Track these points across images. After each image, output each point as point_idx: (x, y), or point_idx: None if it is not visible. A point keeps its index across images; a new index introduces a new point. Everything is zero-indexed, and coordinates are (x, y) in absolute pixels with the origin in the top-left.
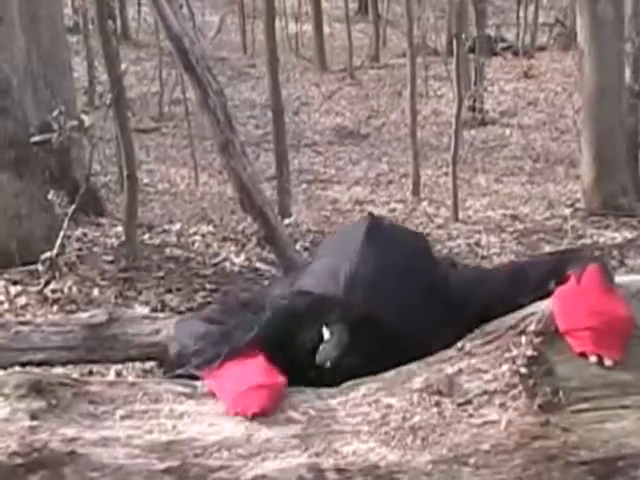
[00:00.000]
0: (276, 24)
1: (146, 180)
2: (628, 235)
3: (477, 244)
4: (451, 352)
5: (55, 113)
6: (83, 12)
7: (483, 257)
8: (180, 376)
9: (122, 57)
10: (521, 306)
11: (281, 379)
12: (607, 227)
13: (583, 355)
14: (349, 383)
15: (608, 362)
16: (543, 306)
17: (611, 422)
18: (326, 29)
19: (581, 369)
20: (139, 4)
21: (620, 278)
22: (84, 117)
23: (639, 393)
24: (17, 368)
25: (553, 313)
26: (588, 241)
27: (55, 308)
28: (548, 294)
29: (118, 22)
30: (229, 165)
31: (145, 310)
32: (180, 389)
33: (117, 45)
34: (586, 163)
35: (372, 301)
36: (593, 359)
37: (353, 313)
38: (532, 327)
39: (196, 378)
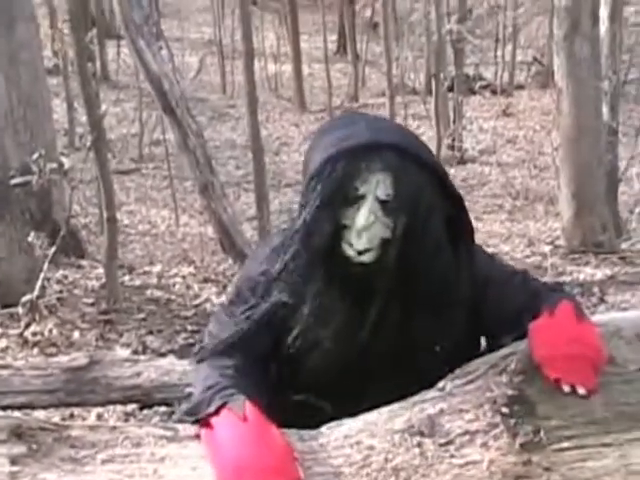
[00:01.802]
0: (255, 64)
1: (126, 221)
2: (608, 272)
3: None
4: (432, 392)
5: (35, 156)
6: (62, 54)
7: None
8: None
9: (102, 98)
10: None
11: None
12: (587, 264)
13: (557, 382)
14: (331, 424)
15: (581, 391)
16: (523, 345)
17: (593, 460)
18: (305, 69)
19: (562, 408)
20: (118, 45)
21: (599, 317)
22: (64, 160)
23: (620, 431)
24: None
25: (529, 344)
26: (568, 278)
27: (35, 351)
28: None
29: (98, 63)
30: (209, 206)
31: (126, 352)
32: (161, 432)
33: (97, 87)
34: (565, 200)
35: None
36: (567, 388)
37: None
38: (512, 366)
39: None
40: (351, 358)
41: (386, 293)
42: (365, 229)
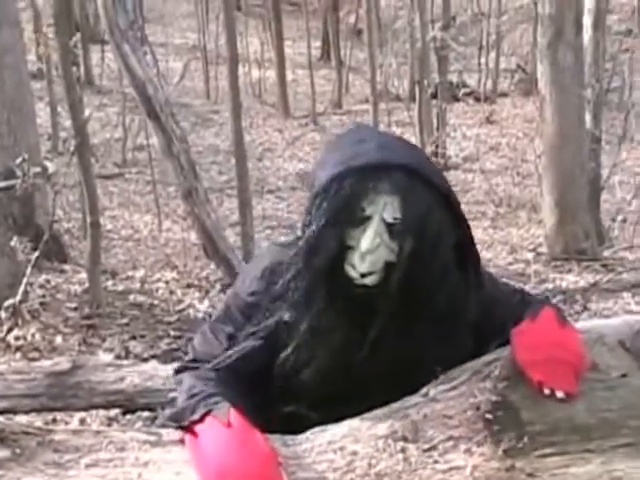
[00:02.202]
0: (239, 70)
1: (109, 226)
2: (591, 279)
3: None
4: (416, 398)
5: (19, 160)
6: (47, 58)
7: None
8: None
9: (85, 103)
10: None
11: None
12: (569, 271)
13: (540, 385)
14: (315, 430)
15: (560, 395)
16: (507, 352)
17: (576, 466)
18: (289, 75)
19: (546, 414)
20: (102, 50)
21: (582, 323)
22: (48, 164)
23: (603, 437)
24: None
25: (512, 350)
26: (550, 285)
27: (18, 355)
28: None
29: (82, 68)
30: (193, 212)
31: (109, 357)
32: (145, 437)
33: (81, 91)
34: (548, 208)
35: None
36: (547, 391)
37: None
38: (496, 372)
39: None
40: (347, 375)
41: (388, 315)
42: (370, 252)
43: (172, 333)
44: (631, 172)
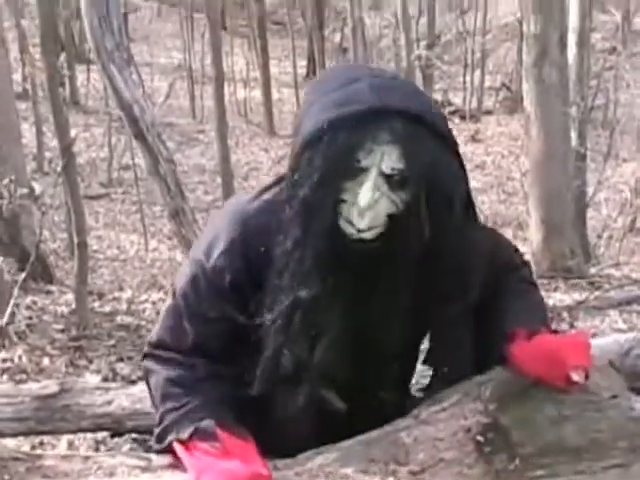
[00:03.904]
0: (225, 89)
1: (95, 246)
2: (577, 297)
3: None
4: (407, 420)
5: (5, 181)
6: (32, 79)
7: None
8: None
9: (71, 123)
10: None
11: None
12: (556, 289)
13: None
14: (307, 454)
15: (576, 376)
16: (497, 373)
17: None
18: (275, 94)
19: (536, 435)
20: (88, 69)
21: None
22: (34, 185)
23: (593, 459)
24: None
25: (516, 366)
26: None
27: (5, 377)
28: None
29: (67, 88)
30: (180, 232)
31: (97, 379)
32: (135, 462)
33: (67, 112)
34: (534, 225)
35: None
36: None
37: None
38: (487, 394)
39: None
40: (361, 343)
41: (397, 269)
42: (369, 208)
43: None
44: (616, 189)
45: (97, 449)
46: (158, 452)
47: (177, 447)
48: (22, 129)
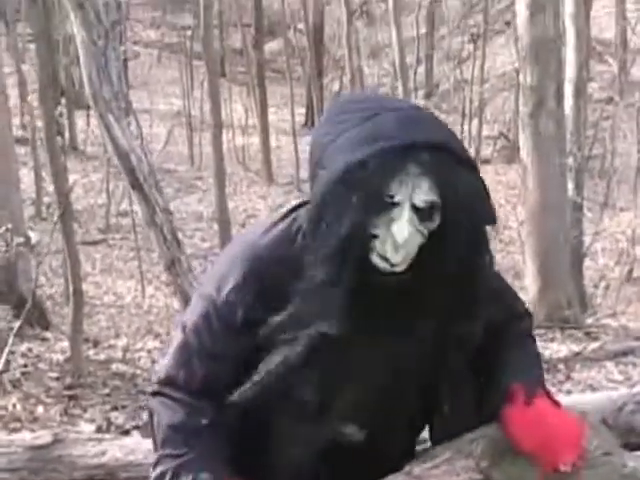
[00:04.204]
0: (223, 136)
1: (92, 293)
2: (574, 348)
3: None
4: (400, 477)
5: (2, 229)
6: (32, 127)
7: None
8: None
9: (70, 169)
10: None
11: None
12: (553, 340)
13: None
14: None
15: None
16: (490, 429)
17: None
18: (273, 142)
19: None
20: (88, 115)
21: (564, 399)
22: (31, 234)
23: None
24: None
25: (504, 428)
26: None
27: None
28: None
29: (66, 133)
30: (176, 282)
31: (91, 428)
32: None
33: (65, 158)
34: (531, 275)
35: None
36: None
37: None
38: (479, 450)
39: None
40: (394, 377)
41: (429, 299)
42: (405, 244)
43: None
44: (613, 238)
45: None
46: None
47: None
48: (21, 174)
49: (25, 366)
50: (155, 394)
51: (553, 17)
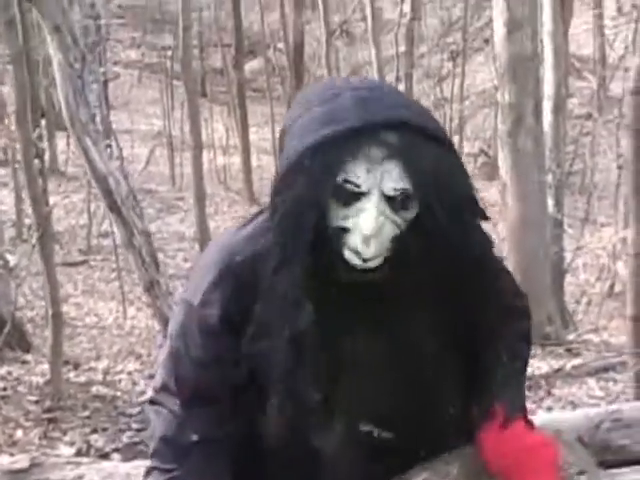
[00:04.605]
0: (204, 156)
1: (73, 314)
2: (554, 364)
3: None
4: None
5: None
6: (11, 148)
7: None
8: None
9: (51, 190)
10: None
11: None
12: (533, 356)
13: None
14: None
15: None
16: (466, 450)
17: None
18: (254, 161)
19: None
20: (68, 136)
21: (540, 416)
22: (9, 257)
23: None
24: None
25: (480, 452)
26: None
27: None
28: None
29: (47, 154)
30: (155, 304)
31: (71, 451)
32: None
33: (45, 179)
34: None
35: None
36: None
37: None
38: (455, 472)
39: None
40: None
41: (410, 292)
42: (375, 235)
43: (134, 426)
44: (594, 254)
45: None
46: None
47: None
48: (2, 195)
49: (4, 389)
50: (152, 402)
51: (531, 35)
